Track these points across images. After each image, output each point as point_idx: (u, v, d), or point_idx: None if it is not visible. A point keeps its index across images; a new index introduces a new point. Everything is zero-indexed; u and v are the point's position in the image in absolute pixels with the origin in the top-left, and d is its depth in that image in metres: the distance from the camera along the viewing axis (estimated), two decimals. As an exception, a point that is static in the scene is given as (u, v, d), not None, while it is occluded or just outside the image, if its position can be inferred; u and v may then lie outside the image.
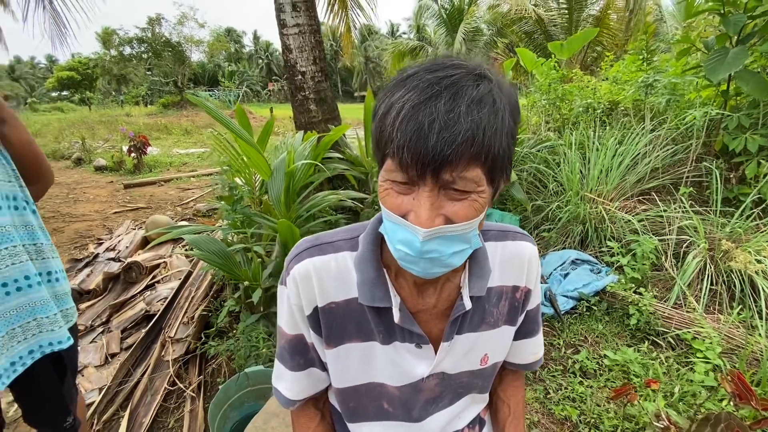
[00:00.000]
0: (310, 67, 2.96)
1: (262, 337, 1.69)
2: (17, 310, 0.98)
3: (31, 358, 1.02)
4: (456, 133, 0.42)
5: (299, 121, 3.15)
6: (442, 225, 0.47)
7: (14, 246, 0.97)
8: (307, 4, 2.83)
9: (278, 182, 1.96)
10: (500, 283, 0.67)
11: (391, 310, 0.60)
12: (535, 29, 12.34)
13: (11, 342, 0.97)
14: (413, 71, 0.47)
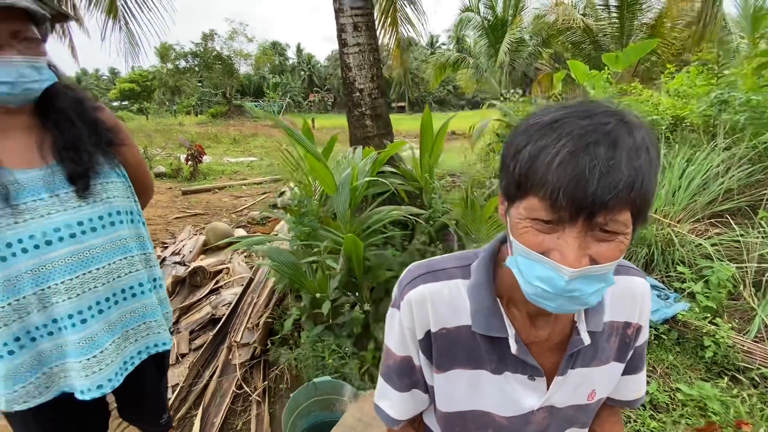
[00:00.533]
0: (368, 84, 3.05)
1: (329, 349, 1.74)
2: (131, 314, 1.08)
3: (139, 358, 1.11)
4: (617, 180, 0.44)
5: (355, 136, 3.25)
6: (588, 266, 0.48)
7: (132, 256, 1.07)
8: (368, 24, 2.93)
9: (344, 197, 2.04)
10: (612, 319, 0.66)
11: (504, 341, 0.62)
12: (583, 39, 11.97)
13: (125, 343, 1.06)
14: (560, 116, 0.49)
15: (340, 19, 2.93)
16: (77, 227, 0.95)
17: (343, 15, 2.90)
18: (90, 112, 1.02)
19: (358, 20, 2.90)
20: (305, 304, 1.94)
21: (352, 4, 2.85)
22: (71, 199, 0.95)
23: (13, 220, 0.87)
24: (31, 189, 0.90)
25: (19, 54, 0.84)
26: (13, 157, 0.90)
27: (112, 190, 1.02)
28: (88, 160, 0.97)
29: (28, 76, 0.86)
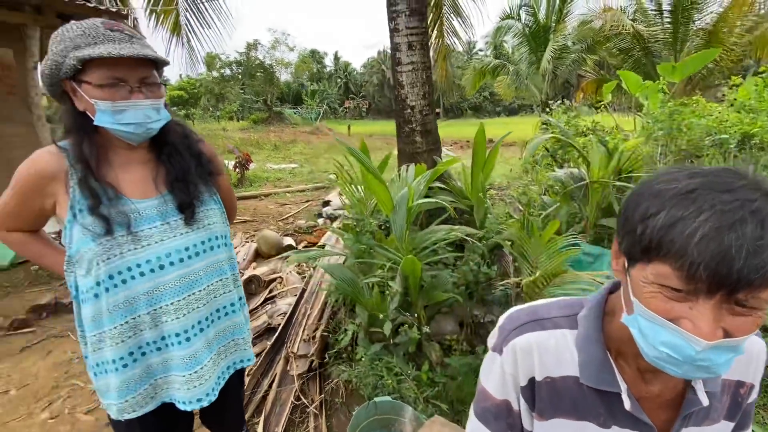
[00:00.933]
0: (419, 102, 3.09)
1: (387, 368, 1.77)
2: (224, 332, 1.16)
3: (228, 373, 1.18)
4: (766, 261, 0.44)
5: (404, 151, 3.29)
6: (722, 338, 0.48)
7: (226, 277, 1.15)
8: (422, 43, 2.97)
9: (401, 217, 2.07)
10: (725, 377, 0.65)
11: (615, 395, 0.62)
12: (632, 45, 11.47)
13: (218, 359, 1.14)
14: (696, 186, 0.49)
15: (394, 38, 2.99)
16: (184, 252, 1.03)
17: (398, 35, 2.95)
18: (195, 146, 1.11)
19: (413, 40, 2.95)
20: (362, 321, 1.99)
21: (407, 24, 2.91)
22: (180, 226, 1.03)
23: (133, 246, 0.96)
24: (147, 217, 0.99)
25: (145, 98, 0.93)
26: (133, 189, 1.00)
27: (212, 217, 1.10)
28: (195, 190, 1.06)
29: (151, 117, 0.95)
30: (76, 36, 0.87)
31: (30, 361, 2.42)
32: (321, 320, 2.43)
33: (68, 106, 0.94)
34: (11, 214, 1.00)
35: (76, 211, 0.93)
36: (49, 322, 2.86)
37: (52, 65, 0.88)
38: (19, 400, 2.10)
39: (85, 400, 2.10)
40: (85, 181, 0.92)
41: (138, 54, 0.87)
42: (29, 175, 0.94)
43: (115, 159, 0.99)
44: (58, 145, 0.95)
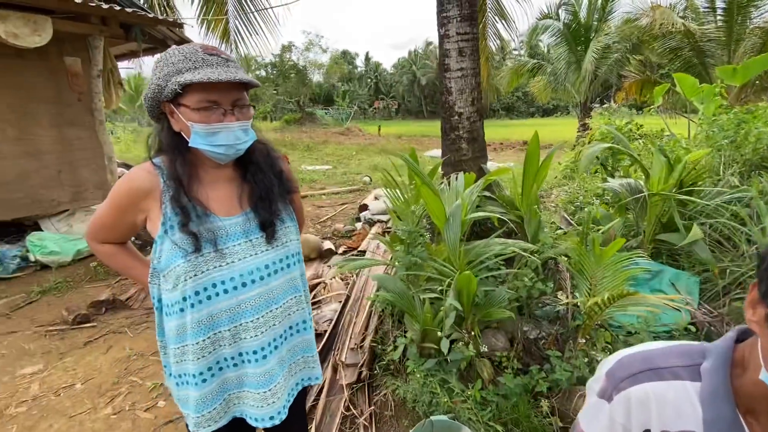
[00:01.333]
0: (468, 108, 3.03)
1: (441, 385, 1.73)
2: (295, 349, 1.16)
3: (296, 390, 1.19)
4: None
5: (449, 159, 3.23)
6: None
7: (300, 295, 1.16)
8: (473, 48, 2.91)
9: (454, 229, 2.03)
10: None
11: None
12: (682, 45, 10.84)
13: (289, 376, 1.14)
14: None
15: (444, 44, 2.95)
16: (264, 270, 1.04)
17: (449, 41, 2.91)
18: (277, 164, 1.12)
19: (464, 45, 2.89)
20: (412, 335, 1.96)
21: (458, 30, 2.86)
22: (261, 244, 1.04)
23: (218, 263, 0.98)
24: (232, 234, 1.01)
25: (236, 120, 0.95)
26: (219, 206, 1.02)
27: (289, 234, 1.11)
28: (276, 208, 1.07)
29: (240, 138, 0.97)
30: (178, 61, 0.90)
31: (92, 355, 2.56)
32: (367, 329, 2.42)
33: (165, 126, 0.97)
34: (106, 226, 1.05)
35: (168, 227, 0.96)
36: (108, 318, 3.01)
37: (155, 89, 0.91)
38: (84, 394, 2.21)
39: (144, 398, 2.18)
40: (177, 198, 0.95)
41: (233, 78, 0.89)
42: (127, 191, 0.98)
43: (204, 176, 1.01)
44: (153, 163, 0.99)
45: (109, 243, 1.10)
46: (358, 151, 15.22)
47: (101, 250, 1.10)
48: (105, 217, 1.03)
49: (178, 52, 0.91)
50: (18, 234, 4.18)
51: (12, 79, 3.72)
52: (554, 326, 2.33)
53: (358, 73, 57.29)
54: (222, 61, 0.93)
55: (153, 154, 1.02)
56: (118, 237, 1.09)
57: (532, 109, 49.38)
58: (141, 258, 1.15)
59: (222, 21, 4.21)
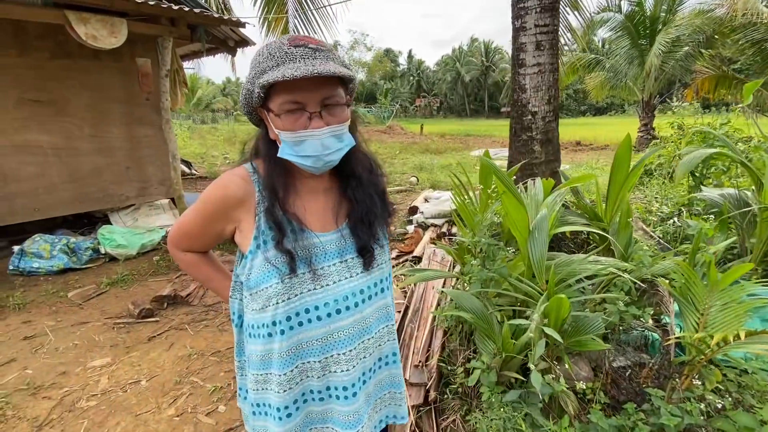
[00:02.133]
0: (543, 107, 2.77)
1: (523, 419, 1.54)
2: (381, 383, 1.02)
3: (380, 427, 1.05)
4: None
5: (517, 160, 2.99)
6: None
7: (391, 323, 1.02)
8: (552, 42, 2.65)
9: (540, 244, 1.81)
10: None
11: None
12: (766, 36, 9.72)
13: (373, 413, 1.01)
14: None
15: (520, 38, 2.71)
16: (359, 296, 0.91)
17: (525, 34, 2.67)
18: (381, 183, 0.98)
19: (542, 39, 2.64)
20: (489, 361, 1.77)
21: (537, 21, 2.61)
22: (356, 266, 0.91)
23: (312, 285, 0.86)
24: (327, 253, 0.88)
25: (326, 125, 0.80)
26: (315, 220, 0.89)
27: (383, 256, 0.98)
28: (376, 232, 0.94)
29: (331, 147, 0.82)
30: (264, 60, 0.77)
31: (156, 351, 2.59)
32: (431, 346, 2.26)
33: (264, 132, 0.87)
34: (191, 234, 0.96)
35: (261, 242, 0.85)
36: (169, 313, 3.06)
37: (246, 94, 0.81)
38: (148, 392, 2.23)
39: (204, 401, 2.16)
40: (272, 211, 0.84)
41: (312, 72, 0.71)
42: (221, 198, 0.87)
43: (300, 186, 0.90)
44: (247, 169, 0.88)
45: (192, 251, 1.01)
46: (401, 149, 15.06)
47: (183, 258, 1.01)
48: (192, 225, 0.94)
49: (265, 49, 0.79)
50: (90, 226, 4.43)
51: (89, 79, 3.93)
52: (642, 354, 2.05)
53: (400, 70, 57.20)
54: (309, 52, 0.77)
55: (248, 157, 0.92)
56: (201, 246, 0.99)
57: (583, 108, 46.85)
58: (223, 270, 1.06)
59: (282, 20, 4.21)
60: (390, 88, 38.31)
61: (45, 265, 3.50)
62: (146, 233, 4.11)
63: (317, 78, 0.75)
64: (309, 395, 0.93)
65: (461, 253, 2.37)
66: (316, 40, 0.84)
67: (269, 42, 0.82)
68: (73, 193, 4.01)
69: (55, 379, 2.33)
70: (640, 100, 14.52)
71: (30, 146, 3.69)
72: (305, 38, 0.81)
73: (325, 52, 0.80)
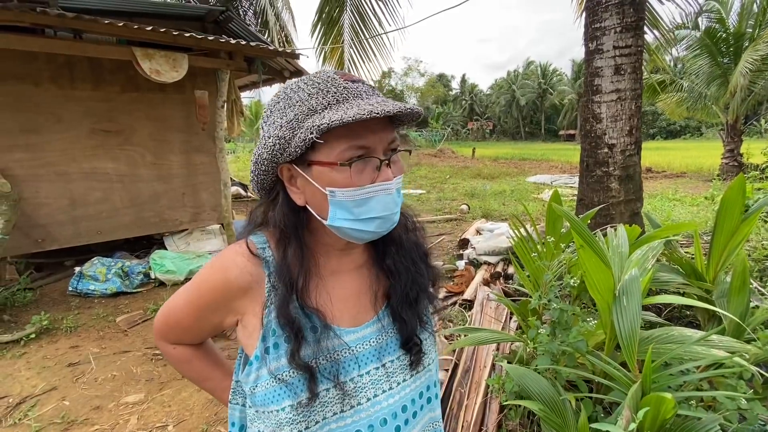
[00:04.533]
0: (623, 139, 2.38)
1: None
2: (425, 424, 0.74)
3: None
4: None
5: (589, 200, 2.59)
6: None
7: None
8: (635, 65, 2.28)
9: (630, 314, 1.43)
10: None
11: None
12: None
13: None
14: None
15: (595, 61, 2.37)
16: (402, 415, 0.67)
17: (602, 57, 2.33)
18: (423, 244, 0.73)
19: (623, 62, 2.28)
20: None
21: (617, 43, 2.26)
22: (398, 372, 0.67)
23: (340, 405, 0.61)
24: (361, 358, 0.64)
25: (393, 176, 0.59)
26: (344, 311, 0.66)
27: (430, 353, 0.72)
28: (422, 311, 0.69)
29: (397, 204, 0.61)
30: (309, 96, 0.56)
31: (187, 391, 2.48)
32: (484, 421, 1.90)
33: (281, 199, 0.63)
34: (181, 326, 0.73)
35: (270, 344, 0.62)
36: (206, 347, 2.98)
37: (276, 144, 0.57)
38: (174, 439, 2.09)
39: (229, 458, 1.97)
40: (286, 307, 0.60)
41: (400, 108, 0.53)
42: (217, 287, 0.65)
43: (325, 267, 0.67)
44: (253, 248, 0.64)
45: (183, 345, 0.78)
46: (452, 174, 14.72)
47: (173, 354, 0.78)
48: (182, 315, 0.71)
49: (306, 84, 0.58)
50: (146, 248, 4.61)
51: (153, 110, 4.16)
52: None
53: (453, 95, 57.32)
54: (369, 89, 0.59)
55: (255, 227, 0.70)
56: (193, 339, 0.77)
57: (653, 131, 43.47)
58: (222, 365, 0.82)
59: (338, 50, 4.23)
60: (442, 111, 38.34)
61: (100, 287, 3.63)
62: (195, 258, 4.17)
63: (385, 119, 0.58)
64: None
65: (523, 311, 2.02)
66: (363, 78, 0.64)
67: (306, 77, 0.62)
68: (133, 217, 4.20)
69: (88, 414, 2.28)
70: (723, 123, 13.04)
71: (98, 173, 3.93)
72: (354, 76, 0.63)
73: (377, 90, 0.63)
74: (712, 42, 12.17)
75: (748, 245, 3.55)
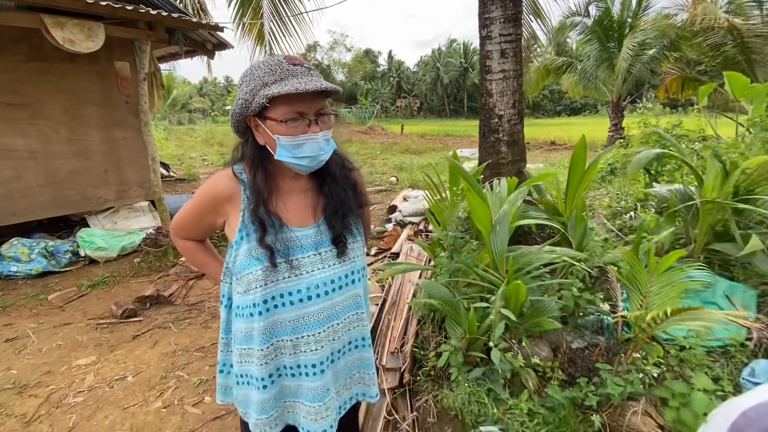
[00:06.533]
0: (509, 111, 2.97)
1: (486, 393, 1.72)
2: (352, 365, 1.15)
3: (350, 403, 1.18)
4: None
5: (486, 161, 3.19)
6: None
7: (362, 311, 1.13)
8: (515, 50, 2.85)
9: (501, 237, 1.99)
10: None
11: None
12: (724, 41, 10.33)
13: (343, 390, 1.14)
14: None
15: (486, 46, 2.90)
16: (330, 285, 1.04)
17: (491, 42, 2.86)
18: (352, 177, 1.11)
19: (506, 47, 2.84)
20: (457, 343, 1.94)
21: (502, 31, 2.81)
22: (329, 258, 1.04)
23: (288, 273, 0.98)
24: (303, 246, 1.01)
25: (320, 131, 0.94)
26: (294, 217, 1.02)
27: (356, 250, 1.10)
28: (348, 222, 1.07)
29: (324, 149, 0.96)
30: (264, 74, 0.90)
31: (141, 349, 2.66)
32: (406, 334, 2.42)
33: (250, 139, 0.98)
34: (187, 225, 1.11)
35: (245, 234, 0.98)
36: (153, 313, 3.12)
37: (242, 104, 0.92)
38: (135, 386, 2.30)
39: (191, 393, 2.26)
40: (256, 211, 0.96)
41: (320, 87, 0.88)
42: (210, 195, 1.01)
43: (282, 187, 1.02)
44: (234, 171, 1.01)
45: (190, 240, 1.15)
46: (382, 150, 15.22)
47: (182, 245, 1.16)
48: (187, 217, 1.09)
49: (262, 65, 0.92)
50: (67, 230, 4.40)
51: (66, 83, 3.92)
52: (598, 336, 2.26)
53: (380, 71, 57.32)
54: (305, 70, 0.92)
55: (235, 161, 1.04)
56: (198, 235, 1.14)
57: (559, 108, 48.12)
58: (217, 256, 1.19)
59: (257, 24, 4.29)
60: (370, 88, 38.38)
61: (23, 268, 3.49)
62: (126, 235, 4.13)
63: (315, 95, 0.91)
64: (283, 370, 1.05)
65: (434, 248, 2.54)
66: (307, 61, 0.98)
67: (264, 59, 0.96)
68: (51, 196, 3.99)
69: (40, 378, 2.38)
70: (610, 101, 15.14)
71: (5, 149, 3.66)
72: (299, 59, 0.96)
73: (316, 72, 0.96)
74: (601, 29, 13.88)
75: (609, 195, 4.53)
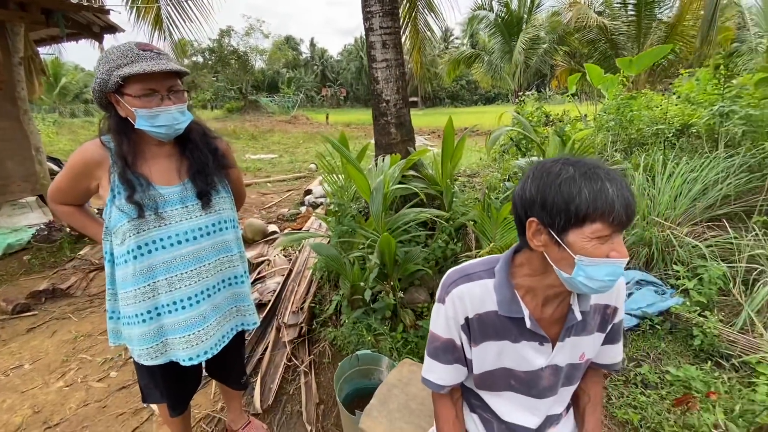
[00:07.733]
0: (394, 96, 3.36)
1: (367, 328, 2.08)
2: (230, 299, 1.40)
3: (233, 333, 1.44)
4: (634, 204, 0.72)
5: (380, 142, 3.56)
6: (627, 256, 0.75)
7: (233, 254, 1.39)
8: (395, 41, 3.23)
9: (378, 201, 2.36)
10: (596, 302, 0.92)
11: (521, 319, 0.86)
12: (598, 38, 11.98)
13: (223, 321, 1.38)
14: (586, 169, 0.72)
15: (370, 37, 3.24)
16: (197, 232, 1.27)
17: (373, 34, 3.20)
18: (212, 142, 1.35)
19: (387, 39, 3.20)
20: (344, 292, 2.28)
21: (381, 24, 3.16)
22: (196, 210, 1.28)
23: (158, 223, 1.21)
24: (170, 201, 1.24)
25: (173, 104, 1.17)
26: (160, 177, 1.24)
27: (222, 203, 1.35)
28: (211, 180, 1.31)
29: (178, 119, 1.19)
30: (117, 58, 1.10)
31: (37, 340, 2.61)
32: (308, 294, 2.72)
33: (113, 113, 1.18)
34: (63, 190, 1.26)
35: (115, 193, 1.18)
36: (49, 306, 3.03)
37: (101, 82, 1.11)
38: (33, 372, 2.30)
39: (95, 371, 2.32)
40: (123, 173, 1.17)
41: (165, 68, 1.10)
42: (81, 161, 1.19)
43: (147, 152, 1.23)
44: (102, 140, 1.19)
45: (67, 204, 1.30)
46: (306, 139, 15.16)
47: (59, 209, 1.31)
48: (61, 182, 1.24)
49: (115, 50, 1.12)
50: (-66, 232, 3.93)
51: None
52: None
53: (303, 59, 55.80)
54: (154, 55, 1.13)
55: (102, 134, 1.22)
56: (74, 199, 1.29)
57: (476, 97, 51.24)
58: (96, 219, 1.36)
59: (153, 7, 4.15)
60: (293, 77, 37.29)
61: None
62: (12, 233, 3.83)
63: (166, 74, 1.13)
64: (162, 309, 1.24)
65: (329, 216, 2.85)
66: (157, 47, 1.20)
67: (117, 45, 1.15)
68: None
69: None
70: (513, 90, 16.67)
71: None
72: (149, 45, 1.18)
73: (166, 56, 1.18)
74: (502, 23, 15.15)
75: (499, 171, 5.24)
